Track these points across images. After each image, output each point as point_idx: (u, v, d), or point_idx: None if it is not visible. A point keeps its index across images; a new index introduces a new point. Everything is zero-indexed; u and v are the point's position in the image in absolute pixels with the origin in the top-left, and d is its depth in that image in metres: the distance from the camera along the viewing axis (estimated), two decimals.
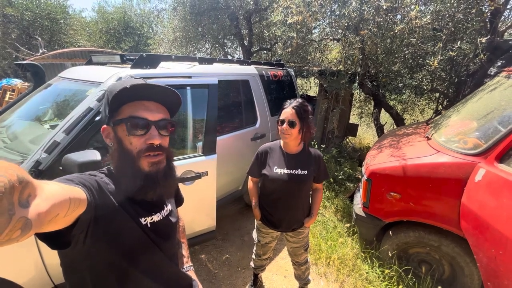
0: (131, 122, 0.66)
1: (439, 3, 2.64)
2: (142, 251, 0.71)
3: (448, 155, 1.76)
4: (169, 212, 0.81)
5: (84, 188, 0.57)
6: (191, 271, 0.97)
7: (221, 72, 2.48)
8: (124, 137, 0.68)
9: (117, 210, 0.64)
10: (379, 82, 4.05)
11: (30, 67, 2.47)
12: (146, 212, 0.72)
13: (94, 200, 0.58)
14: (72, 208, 0.49)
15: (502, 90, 1.88)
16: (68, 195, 0.49)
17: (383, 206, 2.04)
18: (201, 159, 1.90)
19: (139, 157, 0.67)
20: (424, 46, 2.81)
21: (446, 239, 1.83)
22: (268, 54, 7.15)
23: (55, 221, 0.46)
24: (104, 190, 0.63)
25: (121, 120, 0.67)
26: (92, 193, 0.58)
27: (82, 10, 13.25)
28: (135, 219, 0.69)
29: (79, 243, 0.57)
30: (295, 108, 1.44)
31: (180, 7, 5.15)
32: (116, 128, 0.68)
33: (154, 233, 0.72)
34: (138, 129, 0.67)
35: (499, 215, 1.37)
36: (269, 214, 1.67)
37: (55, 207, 0.44)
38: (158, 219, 0.75)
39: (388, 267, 2.05)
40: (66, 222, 0.51)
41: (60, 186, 0.49)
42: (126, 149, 0.68)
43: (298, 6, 3.07)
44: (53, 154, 1.44)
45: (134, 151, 0.67)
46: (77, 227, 0.54)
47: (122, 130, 0.67)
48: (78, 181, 0.58)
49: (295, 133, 1.45)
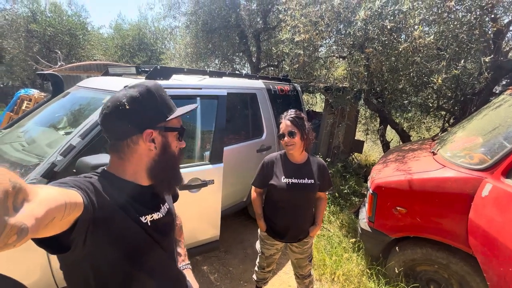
0: (182, 132, 0.79)
1: (442, 24, 2.74)
2: (145, 250, 0.71)
3: (454, 170, 1.76)
4: (168, 209, 0.82)
5: (79, 190, 0.56)
6: (188, 269, 0.98)
7: (230, 85, 2.57)
8: (173, 142, 0.76)
9: (115, 211, 0.64)
10: (384, 99, 4.10)
11: (50, 76, 2.62)
12: (146, 210, 0.73)
13: (91, 202, 0.57)
14: (68, 211, 0.49)
15: (507, 107, 1.90)
16: (64, 198, 0.48)
17: (389, 221, 2.01)
18: (207, 168, 1.94)
19: (179, 158, 0.79)
20: (428, 64, 2.88)
21: (455, 257, 1.78)
22: (275, 71, 7.35)
23: (52, 225, 0.45)
24: (100, 192, 0.62)
25: (175, 129, 0.76)
26: (88, 196, 0.58)
27: (100, 27, 14.02)
28: (135, 218, 0.69)
29: (79, 246, 0.57)
30: (290, 119, 1.50)
31: (193, 25, 5.42)
32: (166, 134, 0.74)
33: (155, 231, 0.73)
34: (182, 137, 0.80)
35: (507, 231, 1.34)
36: (275, 224, 1.67)
37: (50, 211, 0.44)
38: (158, 217, 0.76)
39: (394, 285, 1.98)
40: (63, 225, 0.50)
41: (54, 190, 0.49)
42: (173, 152, 0.77)
43: (305, 25, 3.21)
44: (68, 157, 1.51)
45: (176, 153, 0.78)
46: (75, 230, 0.53)
47: (173, 136, 0.76)
48: (73, 184, 0.58)
49: (298, 142, 1.49)
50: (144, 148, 0.71)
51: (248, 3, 5.33)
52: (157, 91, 0.73)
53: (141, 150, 0.71)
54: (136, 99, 0.68)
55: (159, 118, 0.72)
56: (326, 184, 1.63)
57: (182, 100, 1.98)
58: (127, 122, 0.68)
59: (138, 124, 0.69)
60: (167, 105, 0.75)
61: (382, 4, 2.59)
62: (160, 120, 0.72)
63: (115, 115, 0.67)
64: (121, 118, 0.67)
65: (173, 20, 5.62)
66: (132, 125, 0.68)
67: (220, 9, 4.92)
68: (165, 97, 0.75)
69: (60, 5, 9.32)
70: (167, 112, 0.74)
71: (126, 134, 0.69)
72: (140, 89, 0.70)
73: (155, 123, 0.71)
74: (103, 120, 0.69)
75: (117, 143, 0.70)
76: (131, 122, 0.68)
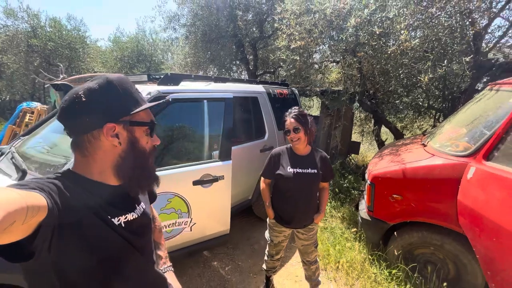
0: (152, 126, 0.74)
1: (426, 28, 2.99)
2: (118, 254, 0.67)
3: (442, 157, 1.95)
4: (143, 209, 0.78)
5: (42, 192, 0.52)
6: (170, 272, 0.95)
7: (234, 89, 2.76)
8: (142, 137, 0.71)
9: (83, 213, 0.60)
10: (377, 100, 4.33)
11: (63, 87, 2.79)
12: (118, 211, 0.69)
13: (56, 205, 0.53)
14: (30, 214, 0.45)
15: (486, 100, 2.11)
16: (25, 200, 0.45)
17: (387, 208, 2.18)
18: (218, 164, 2.10)
19: (150, 155, 0.75)
20: (416, 66, 3.11)
21: (448, 238, 1.94)
22: (272, 77, 7.61)
23: (11, 230, 0.42)
24: (65, 193, 0.58)
25: (143, 123, 0.71)
26: (52, 198, 0.53)
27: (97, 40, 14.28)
28: (106, 220, 0.65)
29: (43, 253, 0.52)
30: (294, 117, 1.69)
31: (192, 36, 5.67)
32: (132, 129, 0.69)
33: (130, 233, 0.69)
34: (154, 132, 0.76)
35: (490, 206, 1.52)
36: (282, 211, 1.82)
37: (10, 214, 0.41)
38: (133, 218, 0.72)
39: (395, 267, 2.13)
40: (25, 230, 0.47)
41: (14, 192, 0.46)
42: (143, 148, 0.72)
43: (300, 33, 3.45)
44: None
45: (147, 150, 0.74)
46: (39, 235, 0.49)
47: (141, 131, 0.71)
48: (35, 185, 0.54)
49: (302, 136, 1.67)
50: (107, 144, 0.66)
51: (244, 14, 5.61)
52: (120, 84, 0.67)
53: (104, 146, 0.66)
54: (94, 91, 0.63)
55: (122, 112, 0.67)
56: (328, 174, 1.80)
57: (193, 103, 2.16)
58: (85, 116, 0.63)
59: (97, 118, 0.64)
60: (132, 98, 0.70)
61: (370, 12, 2.84)
62: (123, 113, 0.67)
63: (72, 109, 0.63)
64: (78, 112, 0.63)
65: (173, 32, 5.85)
66: (90, 119, 0.63)
67: (218, 21, 5.18)
68: (130, 90, 0.70)
69: (59, 20, 9.56)
70: (132, 105, 0.69)
71: (85, 129, 0.64)
72: (100, 81, 0.65)
73: (118, 117, 0.66)
74: (60, 114, 0.64)
75: (77, 139, 0.65)
76: (89, 115, 0.63)
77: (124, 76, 0.72)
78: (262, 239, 2.92)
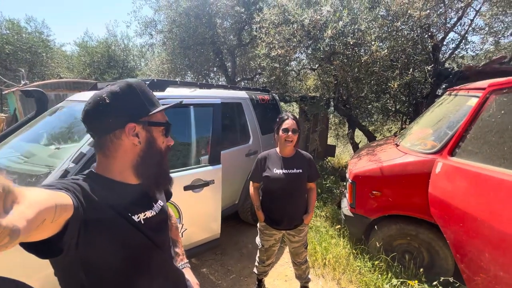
0: (168, 127, 0.78)
1: (392, 40, 3.32)
2: (141, 250, 0.70)
3: (413, 155, 2.17)
4: (161, 207, 0.82)
5: (68, 192, 0.56)
6: (187, 268, 0.98)
7: (219, 95, 2.80)
8: (159, 137, 0.76)
9: (106, 212, 0.63)
10: (351, 105, 4.65)
11: (35, 93, 2.62)
12: (138, 208, 0.72)
13: (81, 204, 0.57)
14: (59, 213, 0.48)
15: (446, 104, 2.40)
16: (53, 200, 0.48)
17: (368, 204, 2.35)
18: (208, 169, 2.12)
19: (165, 154, 0.79)
20: (385, 73, 3.42)
21: (422, 227, 2.15)
22: (250, 84, 7.75)
23: (43, 228, 0.45)
24: (88, 193, 0.61)
25: (160, 123, 0.75)
26: (77, 197, 0.57)
27: (62, 45, 13.39)
28: (127, 217, 0.68)
29: (72, 249, 0.56)
30: (295, 119, 1.78)
31: (170, 42, 5.61)
32: (150, 129, 0.73)
33: (149, 229, 0.72)
34: (169, 133, 0.79)
35: (456, 196, 1.73)
36: (272, 213, 1.88)
37: (41, 212, 0.43)
38: (151, 215, 0.75)
39: (377, 259, 2.29)
40: (54, 228, 0.50)
41: (43, 192, 0.49)
42: (159, 148, 0.76)
43: (279, 42, 3.61)
44: (80, 163, 1.60)
45: (163, 150, 0.77)
46: (67, 232, 0.52)
47: (158, 131, 0.75)
48: (61, 186, 0.57)
49: (295, 139, 1.77)
50: (128, 143, 0.69)
51: (223, 22, 5.69)
52: (139, 87, 0.73)
53: (125, 145, 0.69)
54: (117, 93, 0.68)
55: (142, 113, 0.72)
56: (314, 173, 1.90)
57: (182, 109, 2.16)
58: (109, 117, 0.67)
59: (120, 119, 0.68)
60: (150, 100, 0.75)
61: (344, 24, 3.08)
62: (142, 114, 0.72)
63: (96, 111, 0.67)
64: (103, 113, 0.67)
65: (150, 38, 5.73)
66: (113, 119, 0.68)
67: (196, 28, 5.20)
68: (147, 93, 0.75)
69: (17, 22, 8.86)
70: (150, 106, 0.74)
71: (109, 129, 0.68)
72: (121, 84, 0.70)
73: (138, 117, 0.71)
74: (85, 117, 0.68)
75: (100, 139, 0.69)
76: (113, 116, 0.68)
77: (141, 81, 0.76)
78: (250, 243, 2.96)
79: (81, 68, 8.93)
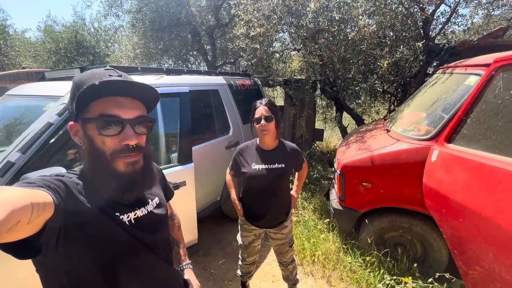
0: (102, 121, 0.60)
1: (381, 15, 3.03)
2: (125, 252, 0.66)
3: (406, 142, 1.97)
4: (156, 205, 0.76)
5: (49, 190, 0.52)
6: (189, 269, 0.94)
7: (190, 83, 2.47)
8: (96, 137, 0.62)
9: (90, 211, 0.59)
10: (338, 87, 4.40)
11: None
12: (128, 208, 0.68)
13: (63, 203, 0.54)
14: (36, 213, 0.45)
15: (440, 83, 2.19)
16: (30, 199, 0.45)
17: (358, 197, 2.17)
18: (177, 169, 1.85)
19: (114, 158, 0.62)
20: (373, 52, 3.16)
21: (415, 220, 2.00)
22: (232, 68, 7.31)
23: (17, 230, 0.42)
24: (72, 191, 0.58)
25: (90, 119, 0.61)
26: (59, 195, 0.54)
27: (25, 30, 12.17)
28: (113, 218, 0.64)
29: (50, 248, 0.53)
30: (267, 105, 1.52)
31: (140, 24, 5.06)
32: (86, 126, 0.62)
33: (139, 230, 0.68)
34: (110, 128, 0.61)
35: (454, 187, 1.55)
36: (251, 209, 1.68)
37: (14, 213, 0.40)
38: (142, 214, 0.70)
39: (368, 255, 2.15)
40: (32, 229, 0.47)
41: (18, 191, 0.45)
42: (99, 149, 0.62)
43: (259, 19, 3.25)
44: (6, 176, 1.28)
45: (107, 151, 0.62)
46: (45, 233, 0.49)
47: (93, 129, 0.61)
48: (42, 183, 0.53)
49: (272, 127, 1.51)
50: None
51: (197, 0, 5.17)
52: (79, 79, 0.64)
53: None
54: (71, 90, 0.65)
55: (77, 108, 0.62)
56: (299, 165, 1.70)
57: None
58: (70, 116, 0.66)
59: (71, 117, 0.65)
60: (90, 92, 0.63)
61: None
62: (81, 110, 0.62)
63: None
64: None
65: (116, 19, 5.15)
66: (71, 117, 0.65)
67: (167, 6, 4.68)
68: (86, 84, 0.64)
69: None
70: (89, 100, 0.62)
71: None
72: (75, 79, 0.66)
73: (78, 115, 0.63)
74: None
75: None
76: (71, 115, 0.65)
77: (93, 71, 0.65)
78: (235, 241, 2.76)
79: (46, 56, 8.09)
